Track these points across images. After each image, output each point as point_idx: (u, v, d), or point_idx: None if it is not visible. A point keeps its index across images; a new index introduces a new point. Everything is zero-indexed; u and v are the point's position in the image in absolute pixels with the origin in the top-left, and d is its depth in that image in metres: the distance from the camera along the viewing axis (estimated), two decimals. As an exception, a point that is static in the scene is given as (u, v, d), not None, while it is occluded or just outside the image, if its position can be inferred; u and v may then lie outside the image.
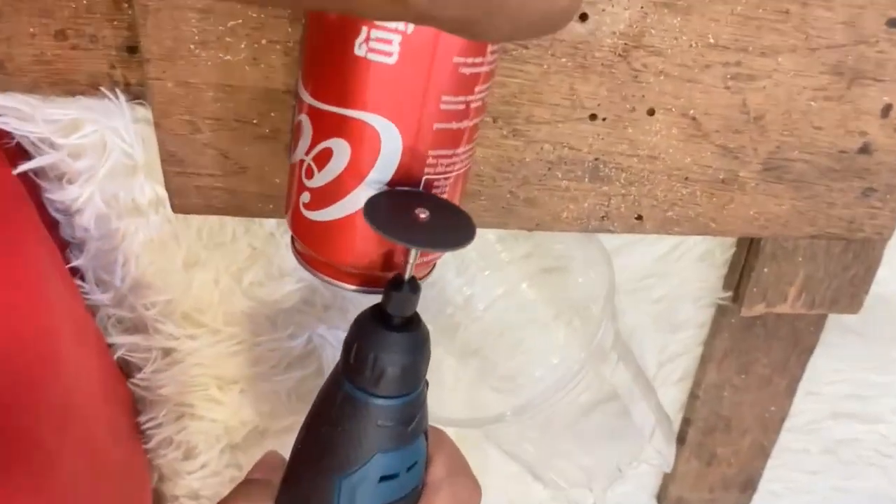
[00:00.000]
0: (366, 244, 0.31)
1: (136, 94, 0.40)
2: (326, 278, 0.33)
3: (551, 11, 0.22)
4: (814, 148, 0.42)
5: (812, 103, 0.40)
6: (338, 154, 0.29)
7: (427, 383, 0.33)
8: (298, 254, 0.34)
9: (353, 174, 0.30)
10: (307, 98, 0.30)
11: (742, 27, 0.38)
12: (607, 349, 0.44)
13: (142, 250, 0.45)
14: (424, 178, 0.30)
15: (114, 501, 0.45)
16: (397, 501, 0.31)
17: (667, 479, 0.62)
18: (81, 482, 0.39)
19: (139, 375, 0.50)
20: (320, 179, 0.30)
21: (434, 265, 0.35)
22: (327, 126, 0.30)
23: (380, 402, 0.30)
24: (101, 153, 0.41)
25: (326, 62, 0.29)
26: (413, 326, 0.30)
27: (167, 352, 0.49)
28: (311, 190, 0.31)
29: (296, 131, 0.32)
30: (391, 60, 0.27)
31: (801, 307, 0.49)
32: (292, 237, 0.34)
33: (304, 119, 0.31)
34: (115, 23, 0.38)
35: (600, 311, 0.42)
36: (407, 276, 0.30)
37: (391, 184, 0.30)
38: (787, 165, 0.42)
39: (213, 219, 0.45)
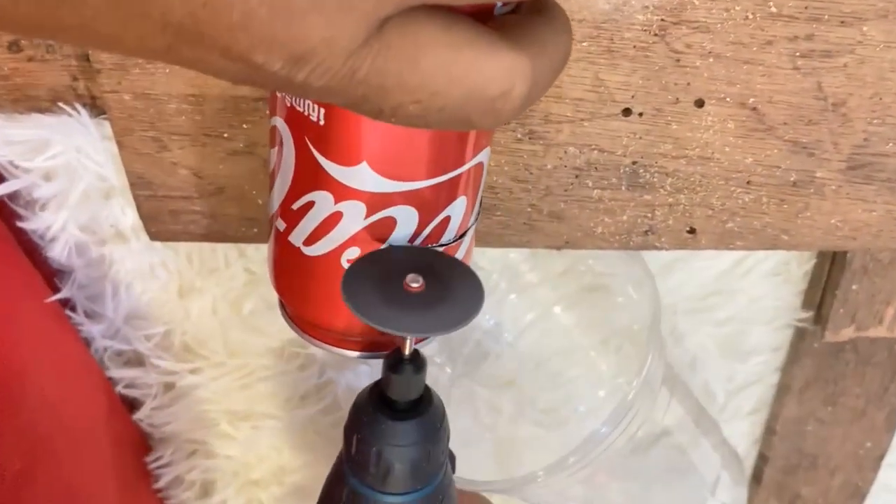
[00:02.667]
0: None
1: (102, 108, 0.36)
2: (325, 345, 0.28)
3: (481, 95, 0.17)
4: (913, 138, 0.33)
5: (909, 83, 0.32)
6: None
7: (450, 462, 0.28)
8: (289, 317, 0.29)
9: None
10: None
11: (814, -9, 0.30)
12: (656, 386, 0.37)
13: (132, 279, 0.42)
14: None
15: None
16: None
17: (743, 523, 0.54)
18: None
19: (142, 412, 0.46)
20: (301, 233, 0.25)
21: None
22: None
23: (391, 499, 0.25)
24: (72, 176, 0.37)
25: None
26: (422, 409, 0.25)
27: (168, 386, 0.45)
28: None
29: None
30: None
31: (901, 330, 0.41)
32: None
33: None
34: (68, 29, 0.34)
35: (645, 342, 0.35)
36: (407, 354, 0.24)
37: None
38: (879, 162, 0.34)
39: (203, 243, 0.40)
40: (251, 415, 0.47)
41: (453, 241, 0.26)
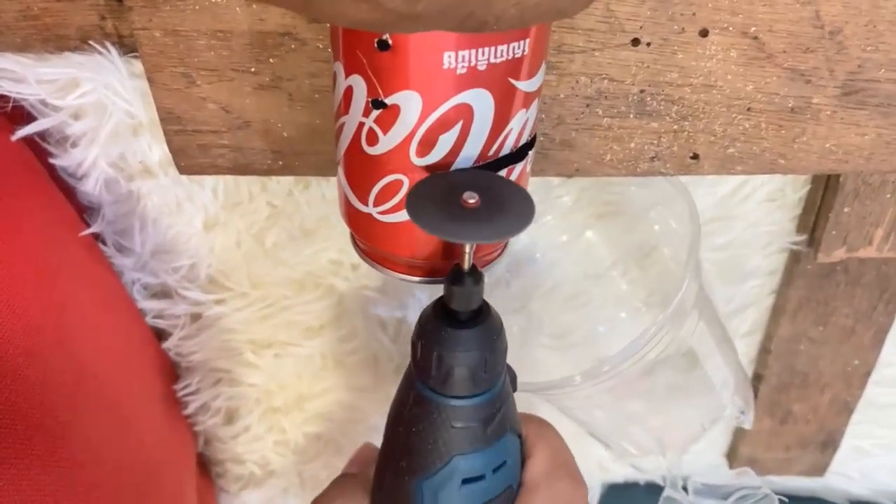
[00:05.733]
0: (422, 234, 0.27)
1: (130, 47, 0.37)
2: (389, 272, 0.30)
3: None
4: (905, 65, 0.35)
5: (902, 11, 0.34)
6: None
7: (510, 375, 0.30)
8: (357, 247, 0.31)
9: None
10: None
11: (814, -78, 0.31)
12: (689, 308, 0.39)
13: (159, 213, 0.43)
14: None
15: (146, 465, 0.44)
16: (489, 502, 0.29)
17: (737, 438, 0.57)
18: (103, 448, 0.39)
19: (170, 342, 0.48)
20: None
21: (507, 242, 0.32)
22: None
23: (452, 402, 0.28)
24: (101, 113, 0.38)
25: None
26: (481, 319, 0.27)
27: (195, 317, 0.48)
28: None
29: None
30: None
31: (889, 250, 0.43)
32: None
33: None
34: (97, -32, 0.35)
35: (682, 266, 0.37)
36: (466, 268, 0.26)
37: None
38: (872, 87, 0.35)
39: (228, 177, 0.42)
40: (273, 343, 0.49)
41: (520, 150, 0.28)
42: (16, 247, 0.36)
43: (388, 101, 0.25)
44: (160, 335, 0.49)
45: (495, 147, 0.27)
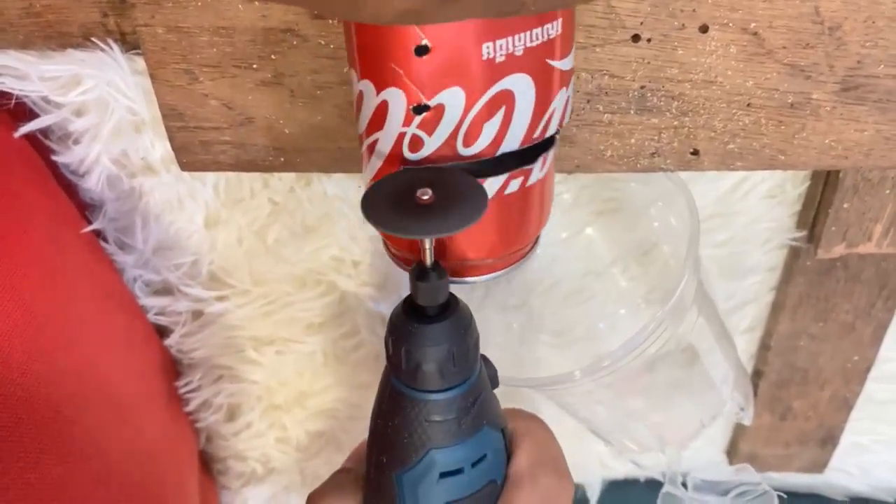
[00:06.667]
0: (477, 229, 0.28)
1: (133, 44, 0.37)
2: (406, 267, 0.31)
3: None
4: (904, 61, 0.35)
5: (902, 7, 0.34)
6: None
7: (490, 371, 0.30)
8: (388, 251, 0.32)
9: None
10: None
11: (813, -82, 0.31)
12: (688, 303, 0.39)
13: (160, 210, 0.43)
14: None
15: (149, 461, 0.44)
16: (470, 496, 0.29)
17: (737, 434, 0.57)
18: (106, 444, 0.39)
19: (171, 338, 0.48)
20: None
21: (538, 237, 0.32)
22: None
23: (424, 396, 0.28)
24: (103, 110, 0.39)
25: None
26: (447, 314, 0.28)
27: (196, 314, 0.48)
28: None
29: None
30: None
31: (888, 246, 0.43)
32: None
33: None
34: (99, -35, 0.35)
35: (681, 262, 0.38)
36: (429, 263, 0.27)
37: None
38: (870, 83, 0.36)
39: (230, 174, 0.42)
40: (275, 340, 0.50)
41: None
42: (18, 244, 0.36)
43: (431, 103, 0.26)
44: (162, 332, 0.49)
45: (540, 128, 0.28)
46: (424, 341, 0.27)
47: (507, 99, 0.26)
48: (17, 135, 0.38)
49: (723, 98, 0.36)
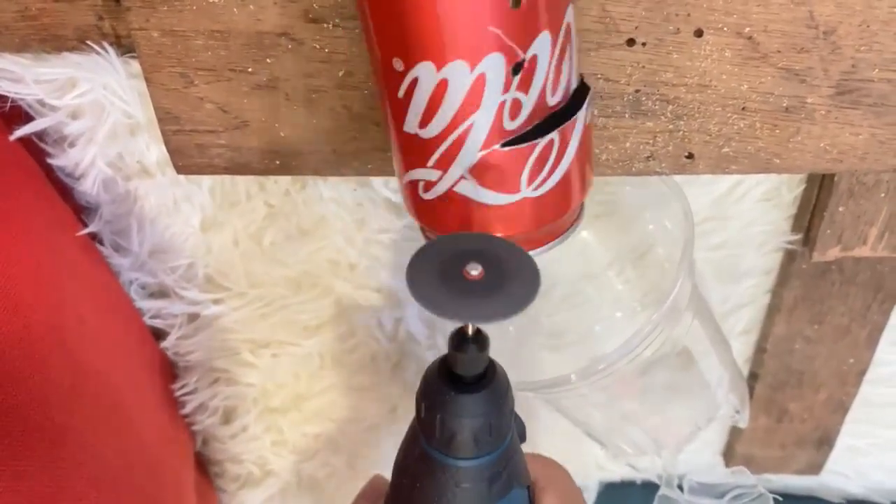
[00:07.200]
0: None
1: (128, 47, 0.37)
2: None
3: None
4: (898, 65, 0.35)
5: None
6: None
7: (519, 428, 0.29)
8: (424, 235, 0.32)
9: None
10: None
11: (807, -77, 0.32)
12: (683, 307, 0.39)
13: (156, 213, 0.43)
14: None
15: (145, 465, 0.44)
16: None
17: (733, 437, 0.57)
18: (101, 448, 0.39)
19: (167, 341, 0.48)
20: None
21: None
22: None
23: (457, 463, 0.27)
24: (99, 113, 0.39)
25: None
26: (486, 382, 0.26)
27: (192, 317, 0.48)
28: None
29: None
30: None
31: (883, 249, 0.43)
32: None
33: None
34: (95, -31, 0.35)
35: (676, 265, 0.38)
36: (470, 334, 0.25)
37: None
38: (865, 87, 0.36)
39: (225, 177, 0.42)
40: (271, 343, 0.50)
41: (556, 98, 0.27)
42: (13, 247, 0.36)
43: (527, 56, 0.24)
44: (158, 335, 0.49)
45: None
46: (462, 412, 0.26)
47: (569, 32, 0.25)
48: (12, 138, 0.38)
49: (717, 102, 0.36)
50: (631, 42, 0.34)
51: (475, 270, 0.23)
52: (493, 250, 0.24)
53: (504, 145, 0.26)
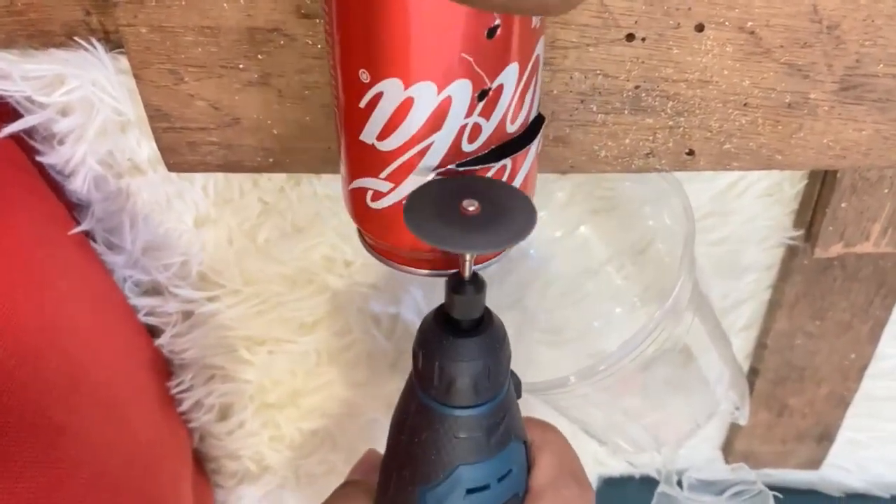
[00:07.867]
0: None
1: (117, 42, 0.36)
2: (395, 265, 0.29)
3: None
4: (903, 59, 0.35)
5: (901, 4, 0.33)
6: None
7: (515, 381, 0.29)
8: (363, 240, 0.31)
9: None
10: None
11: (812, -86, 0.31)
12: (684, 304, 0.38)
13: (149, 210, 0.43)
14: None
15: (143, 463, 0.44)
16: None
17: (733, 432, 0.57)
18: (98, 447, 0.38)
19: (162, 338, 0.48)
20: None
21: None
22: None
23: (455, 412, 0.27)
24: (88, 110, 0.38)
25: None
26: (483, 328, 0.27)
27: (187, 314, 0.47)
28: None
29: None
30: None
31: (886, 245, 0.42)
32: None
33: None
34: (81, -37, 0.34)
35: (676, 262, 0.37)
36: (467, 275, 0.26)
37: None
38: (869, 83, 0.35)
39: (218, 174, 0.41)
40: (267, 340, 0.49)
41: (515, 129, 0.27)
42: (6, 245, 0.36)
43: (493, 85, 0.25)
44: (153, 332, 0.48)
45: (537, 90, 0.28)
46: (460, 356, 0.26)
47: (536, 64, 0.26)
48: (1, 135, 0.38)
49: (719, 98, 0.35)
50: (630, 37, 0.33)
51: (472, 206, 0.24)
52: (488, 190, 0.25)
53: (459, 165, 0.26)
